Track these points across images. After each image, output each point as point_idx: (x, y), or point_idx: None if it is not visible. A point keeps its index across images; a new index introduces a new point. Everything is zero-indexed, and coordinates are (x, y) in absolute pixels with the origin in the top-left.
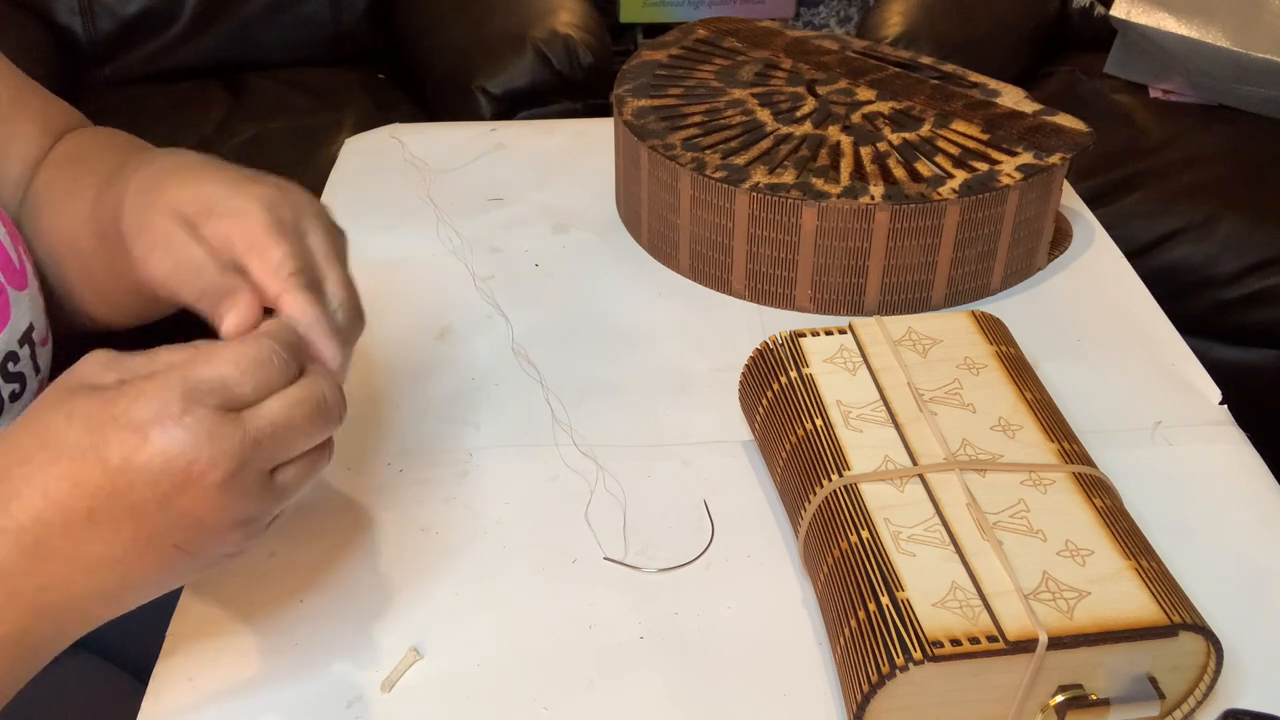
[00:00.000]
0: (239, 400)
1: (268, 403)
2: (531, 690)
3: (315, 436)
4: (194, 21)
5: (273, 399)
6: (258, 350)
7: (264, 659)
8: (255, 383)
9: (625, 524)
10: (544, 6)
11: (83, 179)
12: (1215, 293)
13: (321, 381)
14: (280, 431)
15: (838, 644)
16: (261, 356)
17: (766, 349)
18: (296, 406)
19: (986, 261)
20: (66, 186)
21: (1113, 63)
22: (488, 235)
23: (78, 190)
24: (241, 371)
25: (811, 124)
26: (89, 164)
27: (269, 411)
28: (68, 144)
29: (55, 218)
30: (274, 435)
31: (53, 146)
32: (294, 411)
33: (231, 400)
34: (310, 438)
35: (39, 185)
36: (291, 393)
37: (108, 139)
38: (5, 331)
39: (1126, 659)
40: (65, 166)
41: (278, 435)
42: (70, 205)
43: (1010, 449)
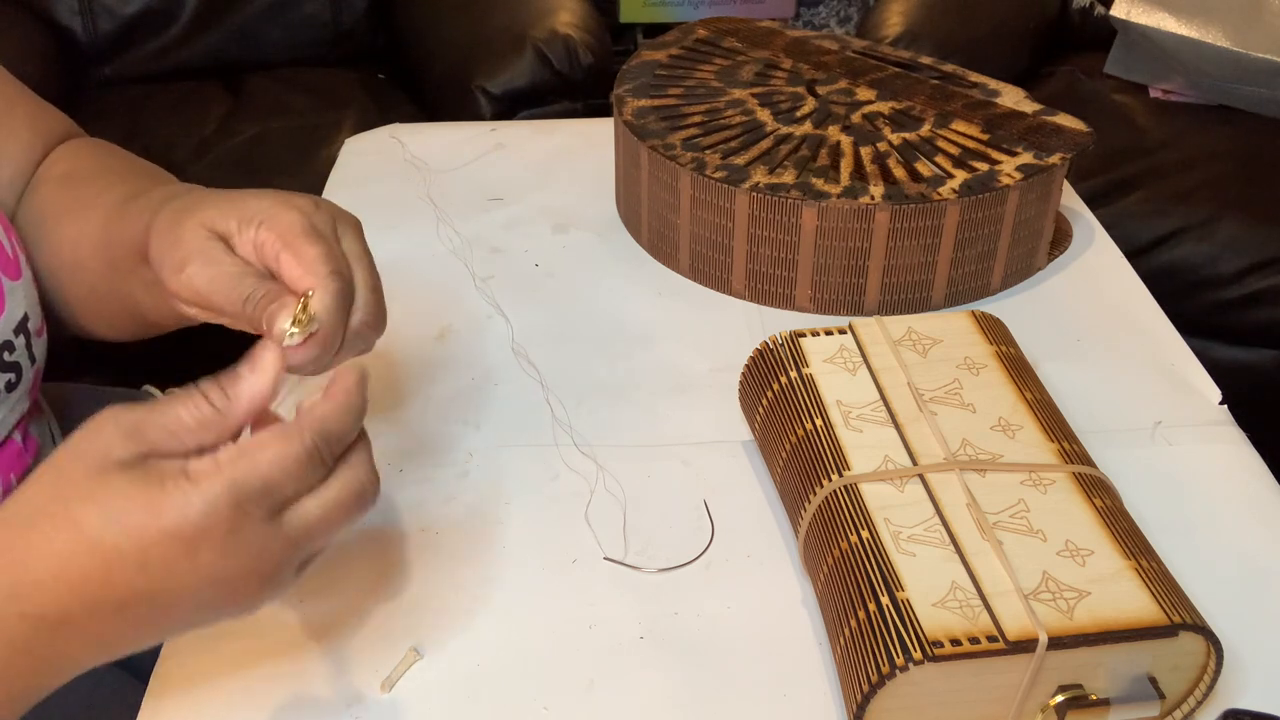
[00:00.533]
0: (283, 504)
1: (307, 503)
2: (531, 690)
3: (351, 525)
4: (194, 21)
5: (312, 498)
6: (302, 448)
7: (264, 659)
8: (298, 485)
9: (625, 524)
10: (544, 6)
11: (87, 200)
12: (1215, 293)
13: (360, 472)
14: (319, 532)
15: (838, 644)
16: (306, 455)
17: (766, 349)
18: (337, 507)
19: (986, 261)
20: (68, 206)
21: (1113, 63)
22: (488, 235)
23: (81, 211)
24: (287, 475)
25: (811, 124)
26: (92, 185)
27: (308, 513)
28: (65, 161)
29: (56, 237)
30: (311, 536)
31: (45, 152)
32: (334, 512)
33: (276, 505)
34: (345, 530)
35: (39, 202)
36: (332, 491)
37: (109, 159)
38: (0, 321)
39: (1126, 659)
40: (66, 185)
41: (315, 536)
42: (74, 226)
43: (1010, 449)
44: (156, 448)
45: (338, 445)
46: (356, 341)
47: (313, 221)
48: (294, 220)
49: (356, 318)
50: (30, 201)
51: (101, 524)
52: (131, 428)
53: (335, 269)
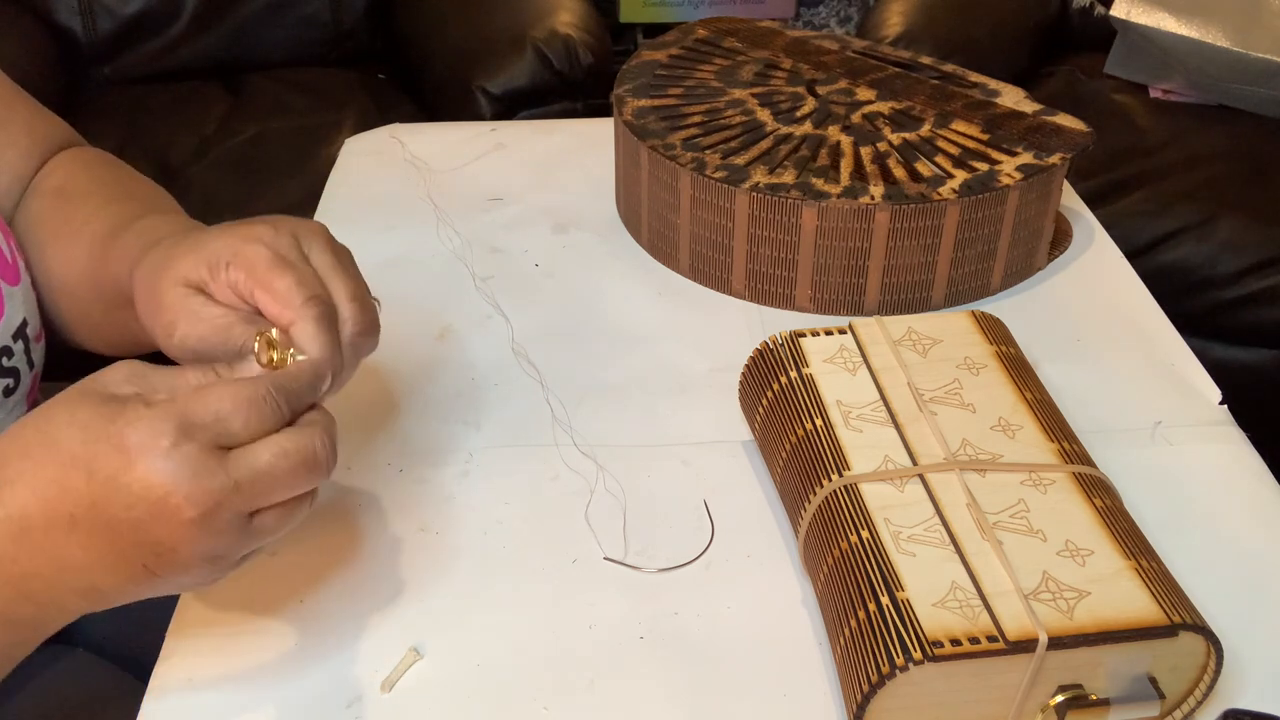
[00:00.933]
0: (229, 438)
1: (256, 447)
2: (531, 690)
3: (298, 488)
4: (194, 21)
5: (262, 444)
6: (254, 390)
7: (264, 659)
8: (246, 421)
9: (625, 524)
10: (544, 6)
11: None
12: (1215, 293)
13: (315, 433)
14: (263, 479)
15: (838, 644)
16: (257, 397)
17: (766, 349)
18: (284, 457)
19: (986, 261)
20: (57, 228)
21: (1113, 63)
22: (488, 235)
23: (70, 236)
24: (235, 409)
25: (811, 124)
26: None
27: (256, 457)
28: (60, 173)
29: (47, 257)
30: (255, 482)
31: (44, 159)
32: (280, 462)
33: (222, 438)
34: (293, 488)
35: (33, 215)
36: (281, 441)
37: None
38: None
39: (1126, 659)
40: (58, 203)
41: (259, 482)
42: (63, 251)
43: (1010, 449)
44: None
45: (295, 401)
46: (355, 352)
47: (276, 250)
48: (257, 253)
49: (346, 330)
50: (25, 212)
51: (66, 428)
52: (137, 371)
53: (309, 295)
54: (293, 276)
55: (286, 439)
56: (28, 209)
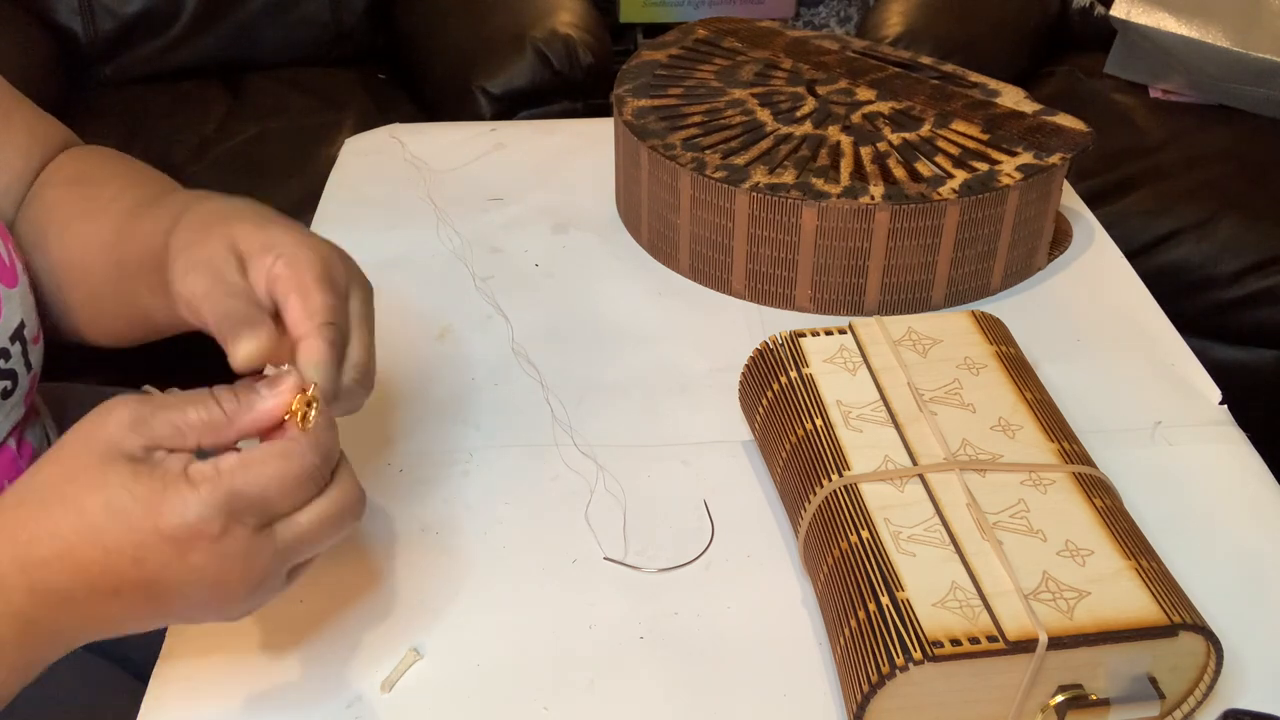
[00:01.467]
0: (275, 517)
1: (299, 516)
2: (531, 690)
3: (338, 539)
4: (194, 21)
5: (304, 512)
6: (301, 468)
7: (264, 659)
8: (294, 502)
9: (625, 524)
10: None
11: (101, 203)
12: (1215, 293)
13: (349, 487)
14: (307, 544)
15: (838, 644)
16: (304, 474)
17: (766, 349)
18: (326, 521)
19: (986, 261)
20: (79, 208)
21: (1113, 63)
22: (488, 235)
23: (94, 214)
24: (283, 492)
25: (811, 124)
26: (105, 188)
27: (299, 526)
28: (72, 165)
29: (65, 238)
30: (300, 547)
31: (44, 160)
32: (324, 527)
33: (268, 517)
34: (333, 543)
35: (46, 204)
36: (323, 506)
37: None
38: None
39: (1126, 659)
40: (74, 188)
41: (304, 547)
42: (84, 228)
43: (1010, 449)
44: (161, 442)
45: (332, 463)
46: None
47: (329, 269)
48: (312, 262)
49: (348, 376)
50: (34, 205)
51: (104, 515)
52: (138, 419)
53: (334, 321)
54: (332, 299)
55: (327, 502)
56: (38, 201)
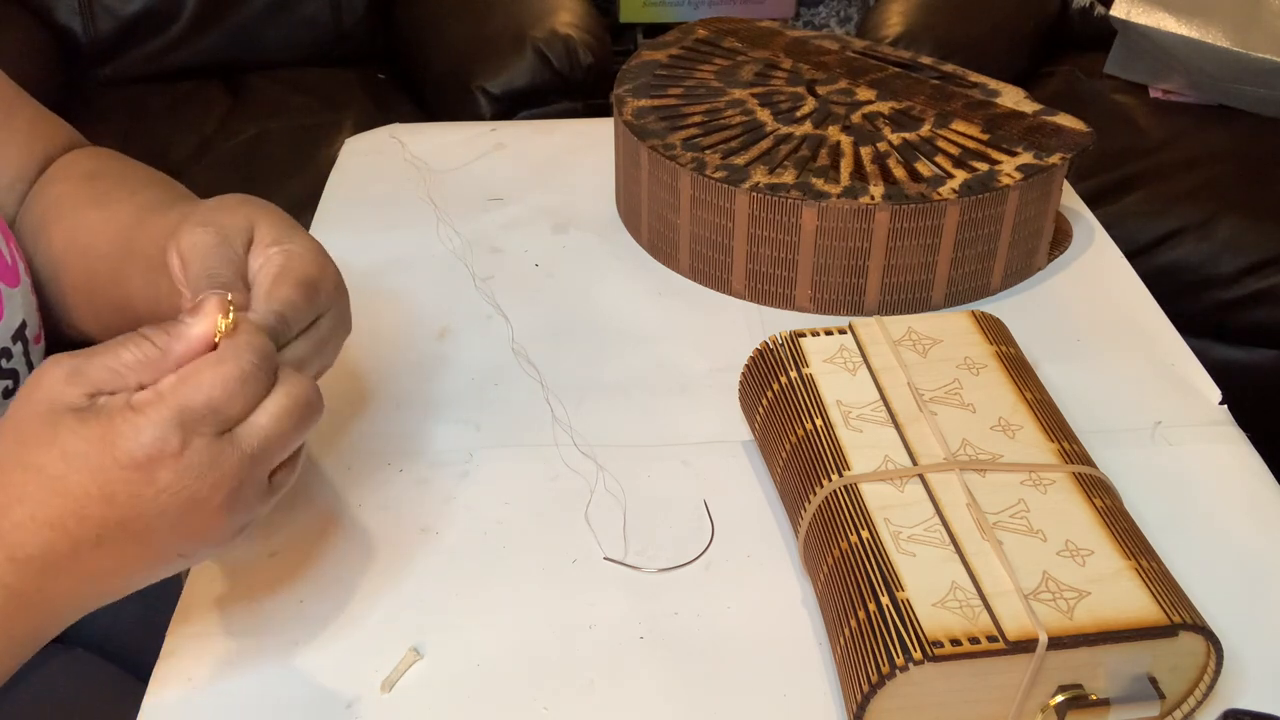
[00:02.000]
0: (230, 421)
1: (257, 417)
2: (531, 690)
3: (303, 436)
4: (194, 21)
5: (260, 412)
6: (239, 368)
7: (264, 659)
8: (244, 401)
9: (625, 524)
10: (544, 6)
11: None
12: (1215, 293)
13: (300, 382)
14: (273, 442)
15: (838, 644)
16: (244, 373)
17: (766, 349)
18: (286, 416)
19: (986, 261)
20: (93, 198)
21: (1113, 63)
22: (488, 235)
23: (109, 204)
24: (229, 394)
25: (811, 124)
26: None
27: (260, 426)
28: (88, 163)
29: (72, 223)
30: (268, 447)
31: (47, 159)
32: (284, 421)
33: (225, 422)
34: (299, 440)
35: (58, 194)
36: (277, 402)
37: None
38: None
39: (1126, 659)
40: (91, 183)
41: (271, 446)
42: (96, 215)
43: (1010, 449)
44: (100, 386)
45: (273, 359)
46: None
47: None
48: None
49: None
50: (39, 199)
51: (63, 465)
52: (74, 370)
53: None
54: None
55: (279, 397)
56: (44, 194)
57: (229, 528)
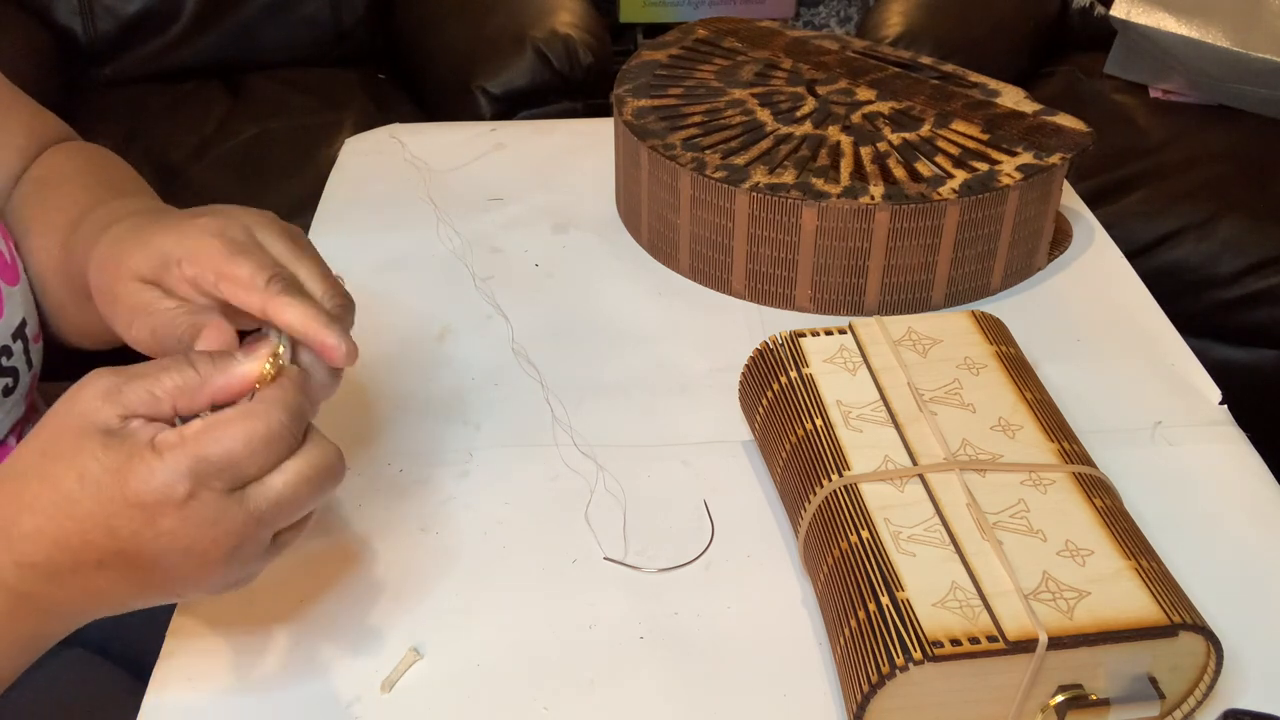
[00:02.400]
0: (245, 479)
1: (272, 478)
2: (531, 690)
3: (317, 503)
4: (194, 21)
5: (277, 474)
6: (267, 427)
7: (264, 659)
8: (263, 462)
9: (625, 524)
10: (544, 6)
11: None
12: (1215, 293)
13: (325, 448)
14: (284, 506)
15: (838, 644)
16: (271, 433)
17: (766, 349)
18: (302, 483)
19: (986, 261)
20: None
21: (1113, 63)
22: (488, 235)
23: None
24: (251, 452)
25: (811, 124)
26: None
27: (274, 490)
28: (42, 166)
29: (26, 251)
30: (277, 511)
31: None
32: (299, 488)
33: (237, 479)
34: (312, 505)
35: (15, 205)
36: (297, 466)
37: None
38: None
39: (1126, 659)
40: (37, 192)
41: (281, 510)
42: (38, 244)
43: (1010, 449)
44: (135, 409)
45: (304, 420)
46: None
47: (229, 238)
48: (211, 246)
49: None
50: (11, 204)
51: (77, 487)
52: (112, 389)
53: (272, 275)
54: (252, 261)
55: (300, 461)
56: (12, 200)
57: (223, 580)
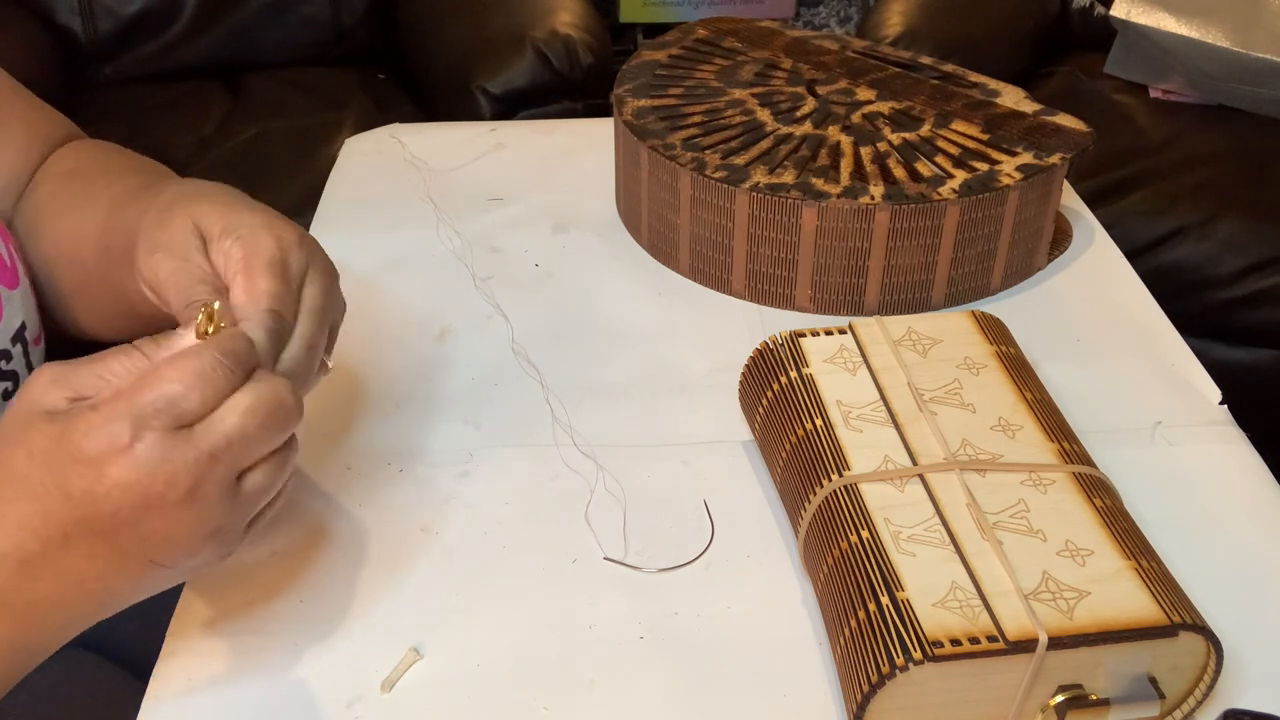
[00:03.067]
0: (188, 416)
1: (218, 414)
2: (531, 690)
3: (275, 439)
4: (194, 21)
5: (223, 409)
6: (199, 362)
7: (264, 659)
8: (202, 396)
9: (625, 524)
10: (544, 6)
11: (93, 194)
12: (1215, 293)
13: (273, 383)
14: (235, 441)
15: (838, 644)
16: (204, 368)
17: (766, 349)
18: (249, 414)
19: (986, 261)
20: (72, 200)
21: (1113, 63)
22: (488, 235)
23: (86, 205)
24: (186, 387)
25: (811, 124)
26: (99, 180)
27: (221, 423)
28: (71, 158)
29: (58, 229)
30: (229, 446)
31: (43, 156)
32: (246, 420)
33: (180, 417)
34: (269, 442)
35: (43, 196)
36: (242, 400)
37: (118, 158)
38: None
39: (1126, 659)
40: (71, 181)
41: (233, 445)
42: (75, 219)
43: (1010, 449)
44: (82, 392)
45: (243, 362)
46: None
47: (284, 256)
48: (267, 247)
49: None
50: (30, 200)
51: (27, 463)
52: (59, 376)
53: (278, 309)
54: (278, 286)
55: (246, 395)
56: (33, 195)
57: (194, 531)
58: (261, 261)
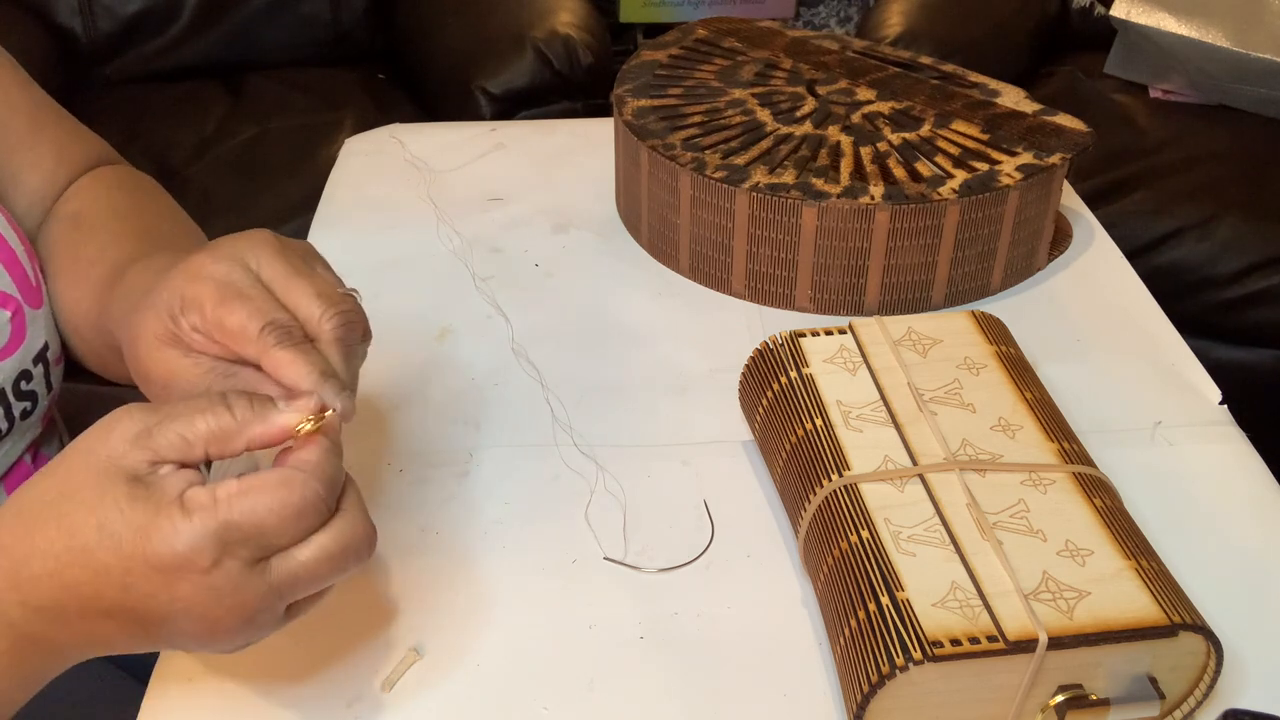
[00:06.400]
0: (271, 550)
1: (297, 551)
2: (531, 690)
3: (339, 579)
4: (194, 21)
5: (303, 547)
6: (301, 498)
7: (264, 659)
8: (292, 534)
9: (625, 524)
10: (544, 6)
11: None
12: (1215, 293)
13: (358, 523)
14: (304, 582)
15: (838, 644)
16: (305, 505)
17: (766, 349)
18: (325, 559)
19: (986, 261)
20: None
21: (1113, 63)
22: (488, 235)
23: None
24: (280, 523)
25: (811, 124)
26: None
27: (296, 563)
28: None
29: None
30: (296, 584)
31: (72, 179)
32: (322, 565)
33: (263, 550)
34: (333, 581)
35: (50, 241)
36: (324, 542)
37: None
38: (20, 350)
39: (1126, 659)
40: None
41: (299, 585)
42: (72, 293)
43: (1010, 449)
44: (165, 455)
45: (336, 491)
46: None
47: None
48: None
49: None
50: (43, 236)
51: (96, 537)
52: (143, 432)
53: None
54: (243, 308)
55: (328, 538)
56: (46, 233)
57: (232, 644)
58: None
